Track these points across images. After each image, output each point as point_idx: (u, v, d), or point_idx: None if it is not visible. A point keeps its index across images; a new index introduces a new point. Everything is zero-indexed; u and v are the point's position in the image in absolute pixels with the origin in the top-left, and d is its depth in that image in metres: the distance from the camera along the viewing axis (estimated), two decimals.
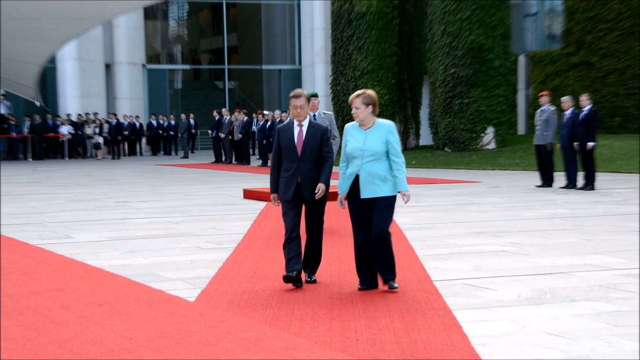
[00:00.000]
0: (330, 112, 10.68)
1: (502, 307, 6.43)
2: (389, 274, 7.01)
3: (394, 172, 7.08)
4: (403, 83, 32.80)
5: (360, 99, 7.04)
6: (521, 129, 35.93)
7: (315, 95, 10.30)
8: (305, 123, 7.31)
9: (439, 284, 7.30)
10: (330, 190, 7.33)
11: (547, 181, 17.37)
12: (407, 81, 33.03)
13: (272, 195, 7.36)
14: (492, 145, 29.10)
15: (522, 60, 36.12)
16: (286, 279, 7.03)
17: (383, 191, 7.01)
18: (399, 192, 7.11)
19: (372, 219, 7.04)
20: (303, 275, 7.29)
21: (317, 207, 7.31)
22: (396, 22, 31.88)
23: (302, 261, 7.29)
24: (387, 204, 7.03)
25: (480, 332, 5.62)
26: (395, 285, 6.96)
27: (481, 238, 10.20)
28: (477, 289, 7.09)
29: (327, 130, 7.43)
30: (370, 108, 7.06)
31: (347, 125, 7.26)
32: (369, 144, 7.02)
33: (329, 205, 7.88)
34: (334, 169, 7.55)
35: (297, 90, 7.39)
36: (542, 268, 8.09)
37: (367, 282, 7.11)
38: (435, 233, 10.72)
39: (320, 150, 7.27)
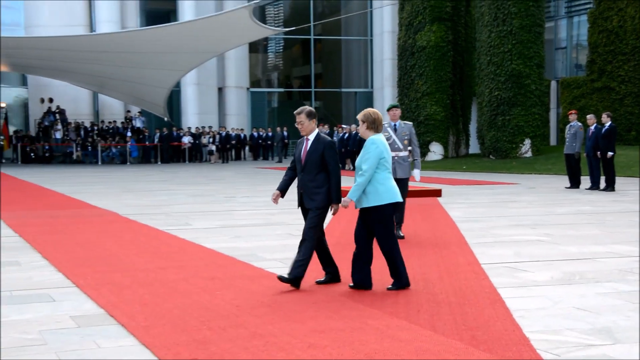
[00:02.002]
0: (410, 123, 9.51)
1: (537, 286, 6.31)
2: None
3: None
4: (456, 103, 32.61)
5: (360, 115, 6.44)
6: (553, 140, 35.35)
7: (396, 107, 9.31)
8: (312, 137, 6.43)
9: (486, 266, 7.19)
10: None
11: (575, 183, 17.20)
12: (459, 101, 32.83)
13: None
14: (529, 154, 28.75)
15: (553, 84, 35.56)
16: (280, 279, 6.19)
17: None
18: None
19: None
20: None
21: (312, 213, 6.41)
22: (450, 53, 31.76)
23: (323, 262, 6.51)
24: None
25: (520, 306, 5.53)
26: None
27: (520, 229, 10.03)
28: (517, 271, 6.97)
29: (331, 144, 6.39)
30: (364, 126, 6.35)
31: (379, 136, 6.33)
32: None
33: None
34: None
35: (300, 108, 6.55)
36: (571, 254, 7.91)
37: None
38: (482, 225, 10.56)
39: (323, 163, 6.36)
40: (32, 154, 34.58)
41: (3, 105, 35.92)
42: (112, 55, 28.67)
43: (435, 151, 31.64)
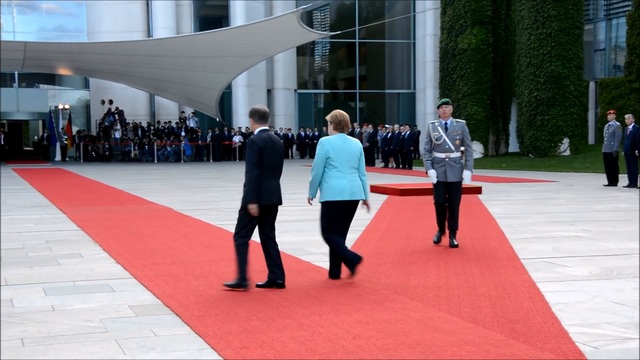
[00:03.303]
0: (463, 121, 8.25)
1: (576, 280, 6.21)
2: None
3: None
4: (496, 103, 32.30)
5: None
6: (591, 139, 34.76)
7: (446, 103, 8.17)
8: None
9: (525, 261, 7.11)
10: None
11: (612, 181, 16.93)
12: (499, 102, 32.51)
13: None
14: (567, 153, 28.36)
15: (592, 85, 34.96)
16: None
17: None
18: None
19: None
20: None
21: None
22: (491, 55, 31.51)
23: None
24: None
25: (558, 300, 5.45)
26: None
27: (559, 226, 9.88)
28: (556, 266, 6.87)
29: (247, 143, 6.01)
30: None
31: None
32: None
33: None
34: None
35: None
36: (609, 250, 7.78)
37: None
38: (521, 221, 10.44)
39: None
40: (93, 153, 35.14)
41: (67, 106, 36.59)
42: (168, 59, 28.99)
43: (476, 150, 31.36)
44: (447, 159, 8.07)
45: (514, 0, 31.53)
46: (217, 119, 35.38)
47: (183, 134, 35.26)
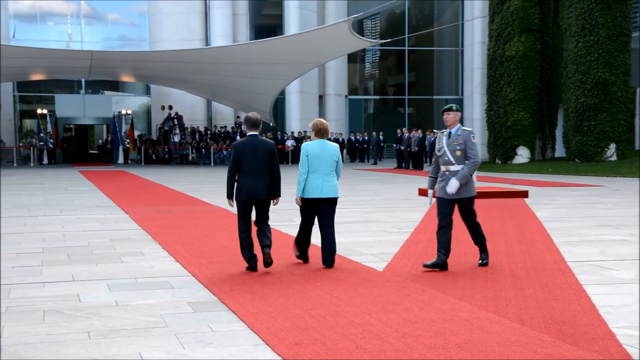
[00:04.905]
0: (469, 129, 6.97)
1: (623, 283, 6.08)
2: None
3: None
4: (543, 109, 31.81)
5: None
6: (638, 145, 33.97)
7: (449, 110, 7.07)
8: None
9: (572, 264, 6.98)
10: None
11: None
12: (545, 108, 32.01)
13: None
14: (614, 158, 27.76)
15: (639, 92, 34.18)
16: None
17: None
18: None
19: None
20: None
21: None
22: (538, 62, 31.04)
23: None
24: None
25: (605, 302, 5.34)
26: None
27: (605, 229, 9.68)
28: (603, 269, 6.73)
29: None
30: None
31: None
32: None
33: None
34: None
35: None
36: None
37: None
38: (568, 225, 10.25)
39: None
40: (153, 156, 35.68)
41: (129, 112, 37.26)
42: (225, 66, 29.28)
43: (522, 155, 30.96)
44: (447, 172, 6.90)
45: (562, 8, 31.04)
46: (271, 124, 35.58)
47: (238, 138, 35.55)
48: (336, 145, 7.10)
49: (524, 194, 15.07)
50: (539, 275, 6.40)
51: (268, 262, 6.56)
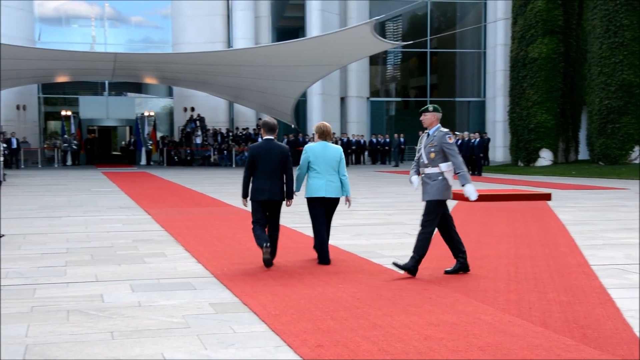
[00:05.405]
0: (445, 130, 6.57)
1: None
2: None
3: None
4: (566, 111, 31.58)
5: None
6: None
7: (425, 111, 6.66)
8: None
9: (596, 267, 6.91)
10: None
11: None
12: (569, 110, 31.78)
13: None
14: (638, 160, 27.49)
15: None
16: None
17: None
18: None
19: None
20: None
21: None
22: (561, 64, 30.85)
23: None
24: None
25: (630, 306, 5.29)
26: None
27: (630, 233, 9.58)
28: (627, 273, 6.66)
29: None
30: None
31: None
32: None
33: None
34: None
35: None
36: None
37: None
38: (591, 228, 10.16)
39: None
40: (175, 157, 35.86)
41: (152, 114, 37.50)
42: (247, 68, 29.37)
43: (545, 157, 30.74)
44: (423, 175, 6.66)
45: (586, 10, 30.79)
46: (293, 126, 35.64)
47: (260, 139, 35.59)
48: (338, 147, 7.43)
49: (547, 197, 14.96)
50: (563, 279, 6.35)
51: (267, 259, 6.82)
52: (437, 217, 6.60)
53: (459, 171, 6.53)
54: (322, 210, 7.29)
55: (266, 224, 7.11)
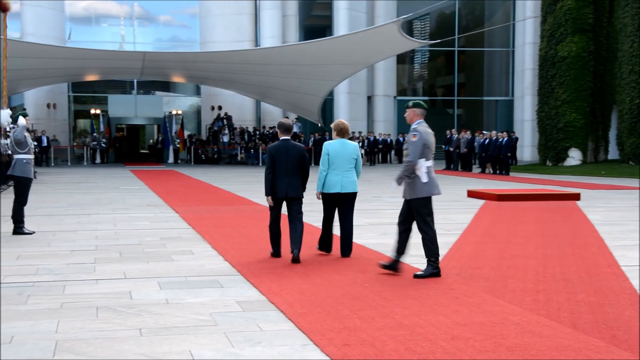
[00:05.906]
0: (420, 127, 6.63)
1: None
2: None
3: None
4: (596, 111, 31.18)
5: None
6: None
7: (407, 107, 6.90)
8: None
9: (625, 268, 6.83)
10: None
11: None
12: (599, 109, 31.36)
13: None
14: None
15: None
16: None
17: None
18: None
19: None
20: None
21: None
22: (591, 63, 30.46)
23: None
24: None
25: None
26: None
27: None
28: None
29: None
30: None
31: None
32: None
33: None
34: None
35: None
36: None
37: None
38: (621, 228, 10.04)
39: None
40: (202, 156, 36.07)
41: (180, 112, 37.74)
42: (274, 67, 29.44)
43: (574, 157, 30.42)
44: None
45: (617, 8, 30.38)
46: (319, 125, 35.65)
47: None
48: (355, 144, 7.66)
49: (576, 197, 14.80)
50: (592, 280, 6.29)
51: (295, 260, 7.12)
52: (427, 216, 6.57)
53: (402, 168, 6.67)
54: (335, 206, 7.54)
55: (279, 223, 7.46)
